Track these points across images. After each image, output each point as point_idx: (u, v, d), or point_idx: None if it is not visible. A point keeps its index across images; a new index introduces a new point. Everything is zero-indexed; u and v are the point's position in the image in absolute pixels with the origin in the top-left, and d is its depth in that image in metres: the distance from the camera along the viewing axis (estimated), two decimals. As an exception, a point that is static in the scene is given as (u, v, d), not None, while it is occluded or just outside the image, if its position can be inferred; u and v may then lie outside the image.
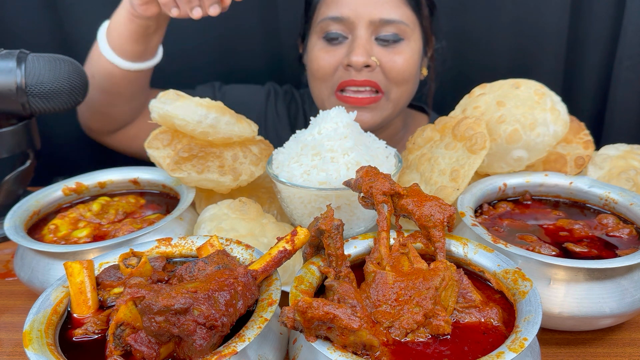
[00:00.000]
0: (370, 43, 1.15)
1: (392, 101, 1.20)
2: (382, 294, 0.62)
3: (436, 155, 0.91)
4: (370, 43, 1.15)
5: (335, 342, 0.55)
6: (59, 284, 0.66)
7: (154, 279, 0.67)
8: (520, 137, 0.87)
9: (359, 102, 1.17)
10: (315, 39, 1.21)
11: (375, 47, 1.15)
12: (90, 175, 1.01)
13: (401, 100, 1.23)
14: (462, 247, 0.71)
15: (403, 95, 1.22)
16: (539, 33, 1.52)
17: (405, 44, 1.17)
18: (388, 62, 1.15)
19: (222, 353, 0.52)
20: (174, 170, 0.88)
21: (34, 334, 0.58)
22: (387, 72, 1.16)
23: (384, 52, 1.15)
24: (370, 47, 1.14)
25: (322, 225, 0.66)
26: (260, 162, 0.96)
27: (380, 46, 1.16)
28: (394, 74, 1.16)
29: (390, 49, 1.16)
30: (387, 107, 1.21)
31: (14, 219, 0.86)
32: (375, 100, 1.17)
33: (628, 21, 1.42)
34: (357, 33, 1.14)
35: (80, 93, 1.08)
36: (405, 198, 0.71)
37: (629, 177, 0.91)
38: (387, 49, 1.16)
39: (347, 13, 1.14)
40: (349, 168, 0.81)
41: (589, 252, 0.75)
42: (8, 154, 1.08)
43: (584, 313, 0.69)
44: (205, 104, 0.90)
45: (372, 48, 1.15)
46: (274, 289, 0.62)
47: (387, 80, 1.17)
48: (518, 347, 0.52)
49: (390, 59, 1.16)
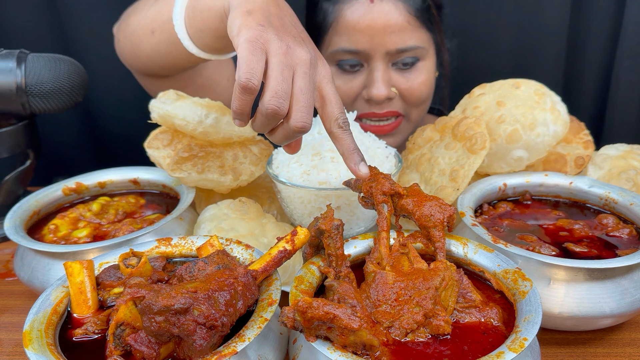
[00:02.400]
0: (389, 72, 1.12)
1: (413, 121, 1.21)
2: (382, 294, 0.62)
3: (436, 155, 0.91)
4: (389, 72, 1.12)
5: (335, 342, 0.55)
6: (59, 284, 0.66)
7: (154, 279, 0.67)
8: (520, 137, 0.87)
9: (381, 131, 1.17)
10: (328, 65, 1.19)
11: (393, 74, 1.13)
12: (90, 175, 1.01)
13: (420, 117, 1.23)
14: (462, 247, 0.71)
15: (422, 112, 1.22)
16: (539, 33, 1.52)
17: (421, 64, 1.15)
18: (407, 88, 1.14)
19: (222, 353, 0.52)
20: (174, 170, 0.88)
21: (34, 334, 0.58)
22: (406, 98, 1.15)
23: (401, 78, 1.13)
24: (388, 77, 1.12)
25: (322, 225, 0.66)
26: (260, 162, 0.96)
27: (398, 71, 1.13)
28: (414, 98, 1.15)
29: (408, 73, 1.13)
30: (408, 128, 1.21)
31: (14, 219, 0.86)
32: (396, 125, 1.18)
33: (628, 21, 1.42)
34: (375, 65, 1.11)
35: (80, 93, 1.08)
36: (405, 198, 0.71)
37: (629, 177, 0.91)
38: (405, 73, 1.13)
39: (362, 46, 1.09)
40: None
41: (589, 252, 0.75)
42: (8, 154, 1.08)
43: (584, 313, 0.69)
44: (205, 104, 0.90)
45: (391, 77, 1.13)
46: (274, 289, 0.62)
47: (406, 105, 1.17)
48: (518, 347, 0.52)
49: (410, 85, 1.14)
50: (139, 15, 1.03)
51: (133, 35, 1.03)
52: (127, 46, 1.08)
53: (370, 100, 1.13)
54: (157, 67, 1.06)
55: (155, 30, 0.98)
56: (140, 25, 1.01)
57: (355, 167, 0.70)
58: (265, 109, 0.65)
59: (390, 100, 1.14)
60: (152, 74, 1.11)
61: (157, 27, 0.98)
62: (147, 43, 1.00)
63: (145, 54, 1.03)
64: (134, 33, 1.03)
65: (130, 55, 1.09)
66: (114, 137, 1.66)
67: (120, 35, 1.10)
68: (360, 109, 1.16)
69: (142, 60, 1.06)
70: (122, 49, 1.11)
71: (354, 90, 1.15)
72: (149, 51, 1.02)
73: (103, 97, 1.59)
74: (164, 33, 0.96)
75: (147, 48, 1.01)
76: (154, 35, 0.98)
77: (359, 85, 1.15)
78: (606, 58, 1.53)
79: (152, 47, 1.00)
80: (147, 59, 1.04)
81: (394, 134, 1.19)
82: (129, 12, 1.10)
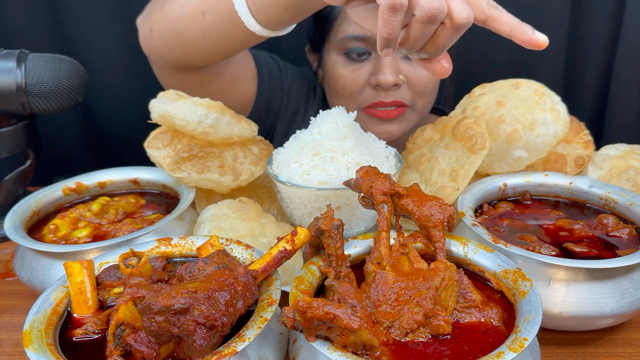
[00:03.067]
0: (396, 59, 1.13)
1: (418, 111, 1.22)
2: (382, 294, 0.62)
3: (436, 155, 0.91)
4: (396, 59, 1.13)
5: (335, 342, 0.55)
6: (59, 284, 0.66)
7: (154, 279, 0.67)
8: (520, 137, 0.87)
9: (388, 115, 1.18)
10: (335, 55, 1.19)
11: (400, 63, 1.14)
12: (90, 175, 1.01)
13: (425, 109, 1.24)
14: (462, 247, 0.71)
15: (427, 104, 1.23)
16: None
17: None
18: (414, 77, 1.14)
19: (222, 353, 0.52)
20: (174, 170, 0.88)
21: (34, 334, 0.58)
22: (413, 87, 1.16)
23: (409, 66, 1.14)
24: (396, 64, 1.12)
25: (322, 225, 0.66)
26: (260, 162, 0.96)
27: (405, 59, 1.14)
28: (420, 87, 1.16)
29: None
30: (413, 118, 1.22)
31: (14, 219, 0.86)
32: (402, 112, 1.18)
33: (628, 21, 1.42)
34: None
35: (80, 93, 1.08)
36: (405, 198, 0.71)
37: (629, 177, 0.91)
38: (412, 61, 1.12)
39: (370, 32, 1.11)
40: (349, 168, 0.81)
41: (589, 252, 0.75)
42: (8, 154, 1.08)
43: (584, 313, 0.69)
44: (205, 104, 0.90)
45: (398, 64, 1.13)
46: (274, 289, 0.62)
47: (413, 94, 1.17)
48: (518, 347, 0.52)
49: (417, 73, 1.14)
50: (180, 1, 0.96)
51: (177, 22, 0.95)
52: (165, 37, 0.99)
53: (378, 86, 1.14)
54: (203, 54, 0.99)
55: (206, 11, 0.92)
56: (185, 10, 0.94)
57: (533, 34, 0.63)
58: (427, 11, 0.61)
59: (398, 88, 1.14)
60: (191, 64, 1.04)
61: (208, 8, 0.91)
62: (197, 27, 0.93)
63: (192, 40, 0.96)
64: (177, 20, 0.95)
65: (171, 44, 1.00)
66: (114, 137, 1.66)
67: (155, 26, 1.01)
68: (368, 97, 1.17)
69: (187, 49, 0.99)
70: (158, 40, 1.02)
71: (362, 78, 1.16)
72: (198, 36, 0.95)
73: (103, 97, 1.59)
74: (217, 13, 0.90)
75: (196, 33, 0.94)
76: (204, 17, 0.92)
77: (367, 73, 1.15)
78: (606, 58, 1.53)
79: (202, 31, 0.94)
80: (193, 46, 0.97)
81: (400, 120, 1.20)
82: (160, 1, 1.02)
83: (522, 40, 0.64)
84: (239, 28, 0.89)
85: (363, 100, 1.18)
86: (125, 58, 1.55)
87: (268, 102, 1.29)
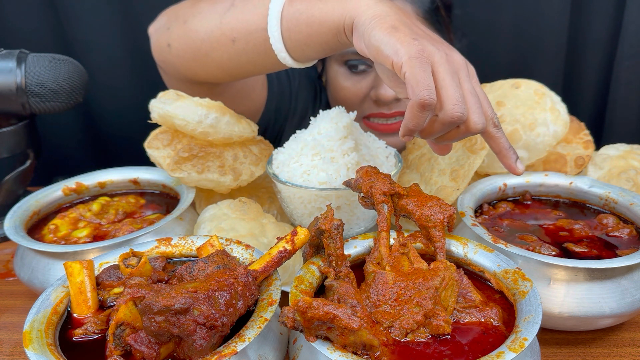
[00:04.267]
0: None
1: None
2: (382, 294, 0.62)
3: (436, 155, 0.91)
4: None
5: (335, 342, 0.55)
6: (59, 284, 0.66)
7: (154, 279, 0.67)
8: (520, 137, 0.88)
9: (389, 129, 1.17)
10: (337, 65, 1.18)
11: None
12: (90, 175, 1.01)
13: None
14: (462, 247, 0.71)
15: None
16: (539, 33, 1.52)
17: None
18: None
19: (222, 353, 0.52)
20: (174, 170, 0.88)
21: (34, 334, 0.58)
22: None
23: None
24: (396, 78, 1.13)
25: (322, 225, 0.66)
26: (260, 162, 0.96)
27: None
28: None
29: None
30: None
31: (14, 219, 0.86)
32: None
33: (628, 21, 1.42)
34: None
35: (80, 93, 1.08)
36: (405, 198, 0.71)
37: (629, 177, 0.91)
38: None
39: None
40: (349, 168, 0.81)
41: (589, 252, 0.75)
42: (8, 154, 1.08)
43: (584, 313, 0.69)
44: (205, 104, 0.90)
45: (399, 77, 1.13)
46: (274, 289, 0.62)
47: None
48: (518, 347, 0.52)
49: None
50: (208, 22, 0.93)
51: (202, 43, 0.93)
52: (187, 55, 0.97)
53: (379, 100, 1.13)
54: (225, 75, 0.98)
55: (237, 39, 0.89)
56: (213, 34, 0.92)
57: (514, 164, 0.71)
58: (450, 117, 0.66)
59: (399, 101, 1.14)
60: (208, 81, 1.02)
61: (240, 36, 0.89)
62: (224, 52, 0.92)
63: (217, 62, 0.94)
64: (203, 41, 0.93)
65: (192, 63, 0.98)
66: (114, 137, 1.66)
67: (175, 42, 0.98)
68: (368, 109, 1.17)
69: (209, 69, 0.97)
70: (176, 57, 0.99)
71: (363, 91, 1.15)
72: (225, 60, 0.93)
73: (103, 97, 1.59)
74: (249, 43, 0.88)
75: (223, 57, 0.93)
76: (234, 44, 0.90)
77: (367, 86, 1.15)
78: (606, 58, 1.53)
79: (229, 56, 0.92)
80: (217, 68, 0.96)
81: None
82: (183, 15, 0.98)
83: (504, 163, 0.73)
84: (270, 59, 0.88)
85: (363, 111, 1.18)
86: (125, 58, 1.55)
87: (277, 107, 1.29)
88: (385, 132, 1.17)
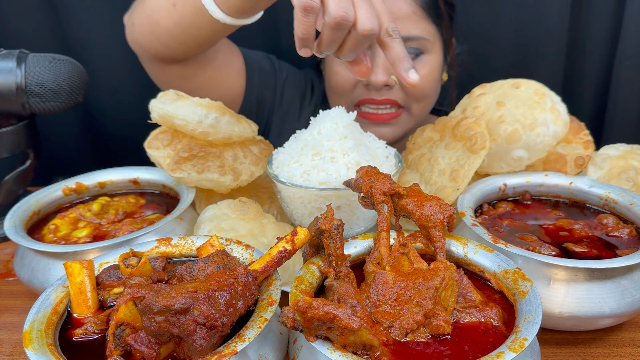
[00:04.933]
0: None
1: (414, 115, 1.21)
2: (382, 294, 0.62)
3: (436, 155, 0.91)
4: None
5: (335, 342, 0.55)
6: (59, 284, 0.66)
7: (154, 279, 0.67)
8: (520, 137, 0.87)
9: (379, 119, 1.17)
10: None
11: None
12: (90, 175, 1.01)
13: (422, 113, 1.23)
14: (462, 247, 0.71)
15: (424, 108, 1.22)
16: (539, 33, 1.52)
17: (425, 58, 1.15)
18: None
19: (222, 353, 0.52)
20: (174, 170, 0.88)
21: (34, 334, 0.58)
22: (406, 89, 1.15)
23: None
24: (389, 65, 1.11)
25: (322, 225, 0.66)
26: (260, 162, 0.96)
27: None
28: (414, 91, 1.15)
29: None
30: (408, 122, 1.21)
31: (14, 219, 0.86)
32: (395, 115, 1.17)
33: (628, 21, 1.42)
34: (376, 51, 1.10)
35: (80, 93, 1.08)
36: (405, 198, 0.71)
37: (629, 177, 0.91)
38: None
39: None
40: (349, 168, 0.81)
41: (589, 252, 0.75)
42: (8, 154, 1.08)
43: (584, 313, 0.69)
44: (205, 104, 0.90)
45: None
46: (274, 289, 0.62)
47: (407, 97, 1.17)
48: (518, 347, 0.52)
49: None
50: None
51: (153, 13, 1.01)
52: (145, 28, 1.05)
53: (369, 85, 1.14)
54: (178, 44, 1.04)
55: (177, 2, 0.97)
56: (160, 2, 1.00)
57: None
58: (333, 18, 0.65)
59: (390, 88, 1.14)
60: (170, 56, 1.08)
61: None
62: (169, 18, 0.99)
63: (166, 30, 1.01)
64: (153, 11, 1.01)
65: (150, 35, 1.05)
66: (114, 137, 1.66)
67: (136, 19, 1.07)
68: (359, 94, 1.17)
69: (163, 39, 1.04)
70: (139, 33, 1.08)
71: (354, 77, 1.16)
72: (171, 26, 1.00)
73: (103, 97, 1.59)
74: (186, 4, 0.95)
75: (169, 23, 1.00)
76: (176, 8, 0.98)
77: None
78: (606, 58, 1.53)
79: (174, 21, 0.99)
80: (169, 36, 1.02)
81: (394, 124, 1.19)
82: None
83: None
84: (205, 17, 0.94)
85: (354, 97, 1.18)
86: (125, 58, 1.55)
87: (259, 99, 1.30)
88: (375, 122, 1.18)
